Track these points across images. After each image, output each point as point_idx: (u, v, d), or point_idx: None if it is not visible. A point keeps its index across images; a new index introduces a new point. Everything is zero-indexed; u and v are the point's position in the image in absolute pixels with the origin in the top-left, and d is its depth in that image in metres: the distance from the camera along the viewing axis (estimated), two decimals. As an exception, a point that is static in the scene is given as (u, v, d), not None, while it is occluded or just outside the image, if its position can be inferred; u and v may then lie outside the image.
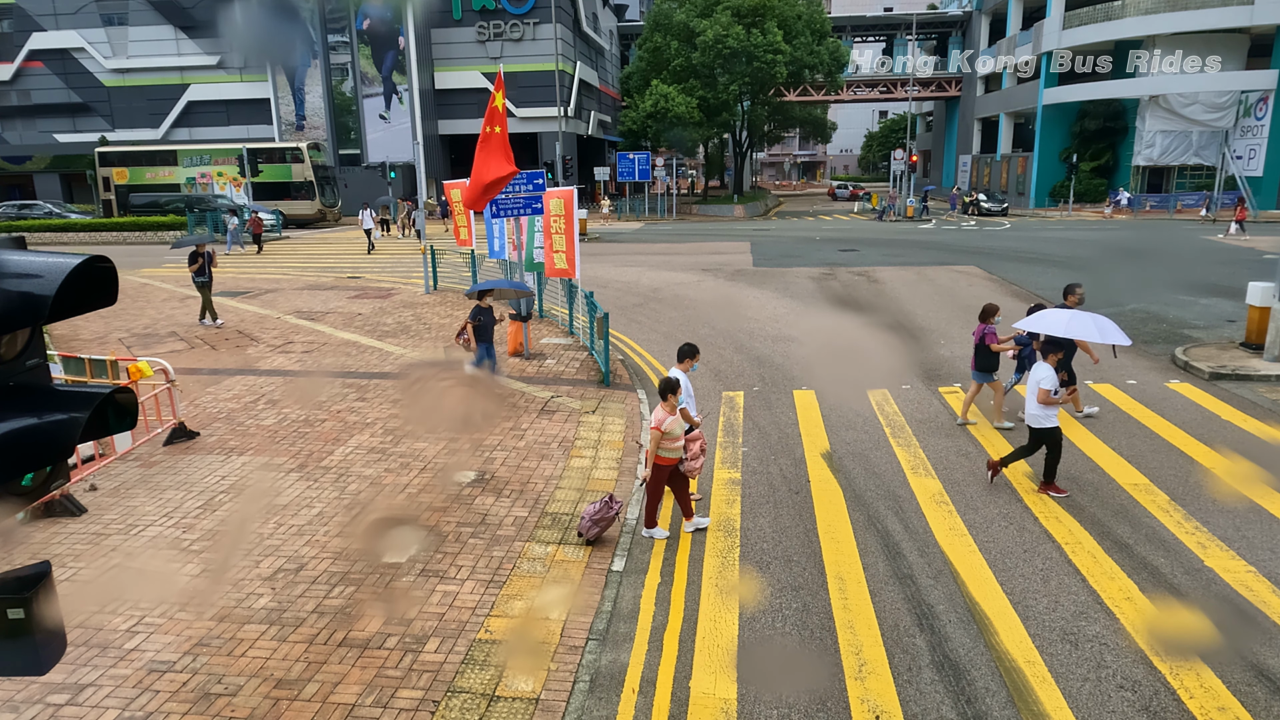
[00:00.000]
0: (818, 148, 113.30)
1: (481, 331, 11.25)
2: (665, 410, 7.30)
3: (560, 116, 46.73)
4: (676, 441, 7.34)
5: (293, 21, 48.76)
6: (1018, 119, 56.14)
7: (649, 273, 24.06)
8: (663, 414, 7.28)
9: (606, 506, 7.35)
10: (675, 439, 7.32)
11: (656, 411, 7.37)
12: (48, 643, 2.46)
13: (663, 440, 7.25)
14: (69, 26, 51.39)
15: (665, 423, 7.21)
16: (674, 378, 7.57)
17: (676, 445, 7.35)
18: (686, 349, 8.34)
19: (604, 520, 7.32)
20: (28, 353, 2.47)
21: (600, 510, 7.32)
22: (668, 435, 7.23)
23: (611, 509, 7.34)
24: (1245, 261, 24.22)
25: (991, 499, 8.35)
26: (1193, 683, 5.45)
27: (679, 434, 7.36)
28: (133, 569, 7.01)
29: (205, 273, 16.12)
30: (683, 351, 8.32)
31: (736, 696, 5.41)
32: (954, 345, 14.80)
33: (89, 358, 10.06)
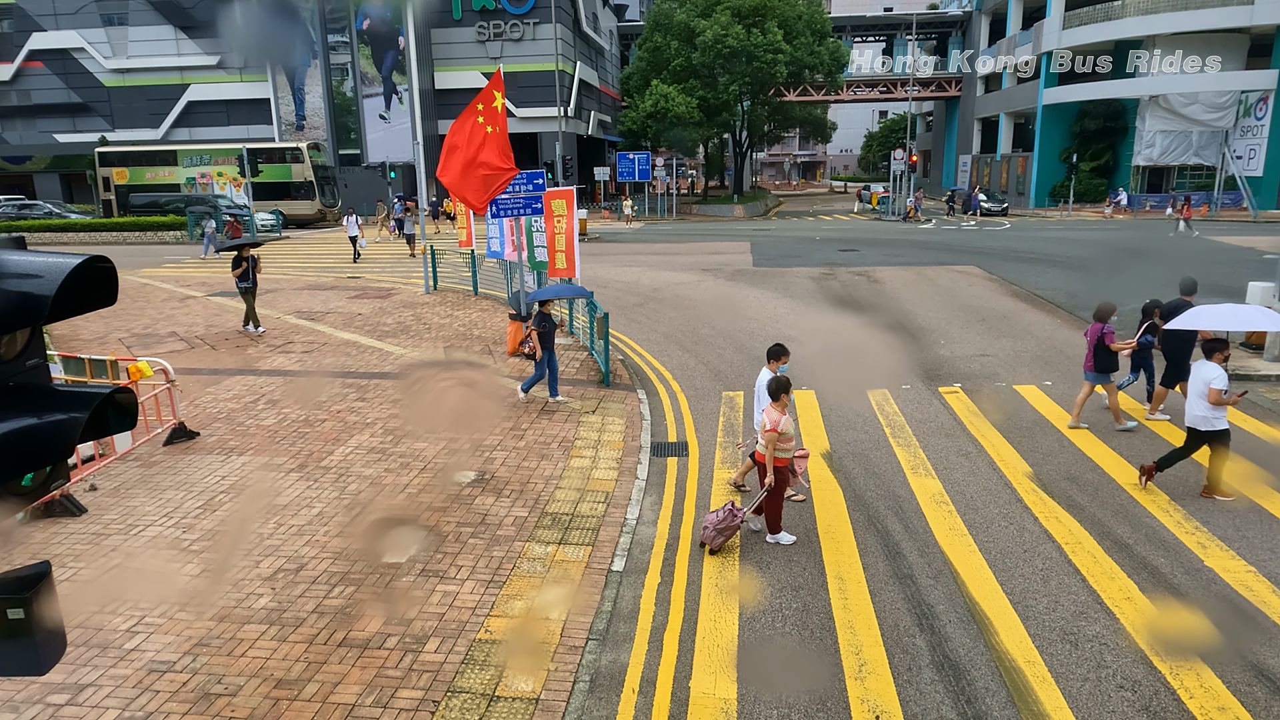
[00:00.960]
0: (818, 148, 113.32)
1: (545, 339, 10.97)
2: (778, 410, 7.17)
3: (560, 116, 46.73)
4: (790, 441, 7.20)
5: (293, 21, 48.76)
6: (1018, 119, 56.14)
7: (649, 273, 24.06)
8: (776, 414, 7.15)
9: (730, 515, 7.16)
10: (789, 439, 7.19)
11: (770, 412, 7.22)
12: (48, 643, 2.46)
13: (778, 442, 7.09)
14: (69, 26, 51.39)
15: (781, 423, 7.08)
16: (785, 376, 7.46)
17: (790, 445, 7.21)
18: (776, 349, 8.21)
19: (729, 529, 7.14)
20: (28, 353, 2.47)
21: (724, 519, 7.15)
22: (783, 436, 7.09)
23: (736, 517, 7.16)
24: (1245, 261, 24.21)
25: (991, 499, 8.35)
26: (1193, 683, 5.45)
27: (793, 434, 7.23)
28: (133, 569, 7.01)
29: (249, 278, 15.24)
30: (772, 352, 8.21)
31: (736, 696, 5.41)
32: (954, 345, 14.80)
33: (89, 358, 10.06)
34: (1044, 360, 13.61)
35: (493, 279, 20.84)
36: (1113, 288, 20.50)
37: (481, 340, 15.40)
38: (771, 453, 7.16)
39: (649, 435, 10.23)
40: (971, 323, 16.60)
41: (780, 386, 7.29)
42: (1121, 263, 25.78)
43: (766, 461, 7.19)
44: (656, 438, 10.24)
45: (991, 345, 14.67)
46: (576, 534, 7.58)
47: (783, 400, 7.25)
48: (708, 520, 7.30)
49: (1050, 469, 9.10)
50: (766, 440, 7.16)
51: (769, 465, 7.17)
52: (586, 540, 7.47)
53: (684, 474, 9.12)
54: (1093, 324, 10.34)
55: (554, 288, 11.64)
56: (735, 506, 7.27)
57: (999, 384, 12.32)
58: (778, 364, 8.12)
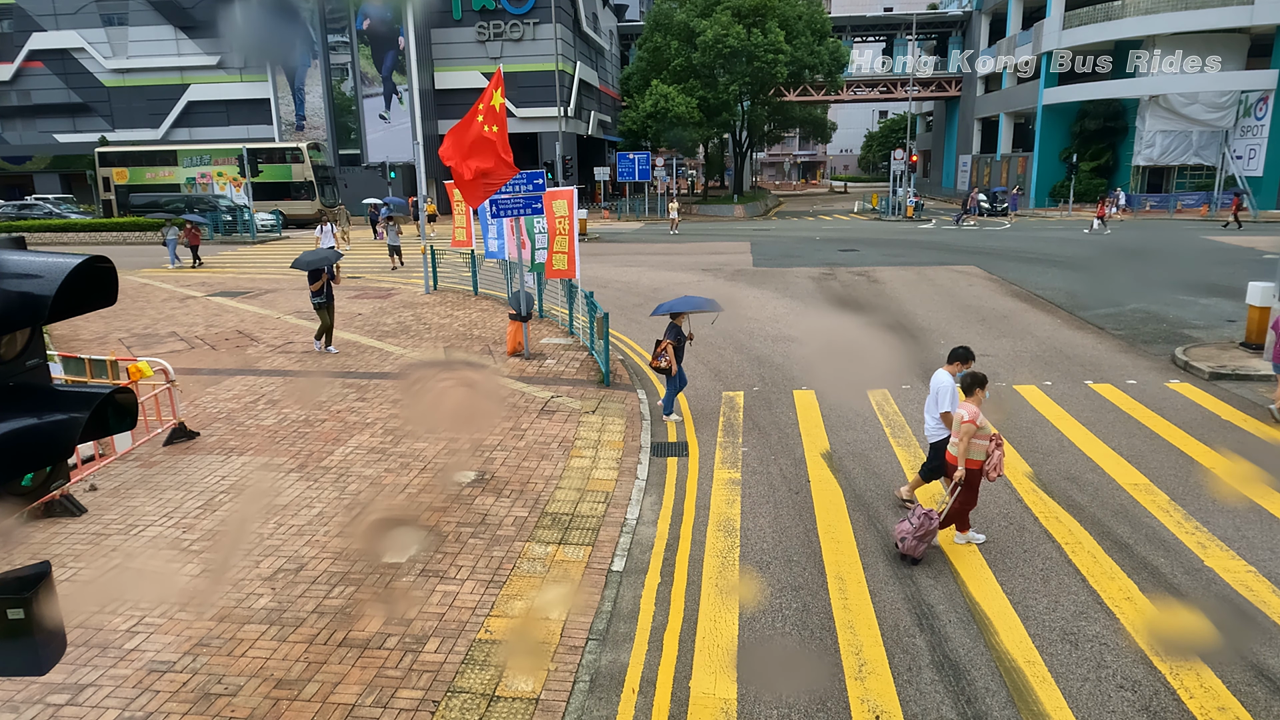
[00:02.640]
0: (818, 148, 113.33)
1: (678, 352, 10.69)
2: (974, 404, 7.07)
3: (560, 116, 46.74)
4: (985, 440, 7.08)
5: (293, 21, 48.77)
6: (1018, 119, 56.14)
7: (649, 273, 24.06)
8: (974, 407, 7.04)
9: (927, 519, 6.96)
10: (985, 436, 7.07)
11: (968, 406, 7.09)
12: (48, 643, 2.46)
13: (974, 438, 6.99)
14: (69, 26, 51.41)
15: (980, 417, 6.97)
16: (981, 372, 7.32)
17: (984, 444, 7.09)
18: (962, 352, 7.96)
19: (929, 533, 6.96)
20: (28, 353, 2.47)
21: (921, 524, 6.95)
22: (981, 431, 6.99)
23: (932, 521, 6.96)
24: (1245, 261, 24.21)
25: (991, 499, 8.35)
26: (1193, 683, 5.45)
27: (990, 430, 7.11)
28: (133, 569, 7.01)
29: (324, 293, 14.24)
30: (957, 354, 7.96)
31: (736, 696, 5.41)
32: (954, 345, 14.78)
33: (89, 358, 10.06)
34: (1044, 360, 13.61)
35: (493, 279, 20.84)
36: (1113, 288, 20.51)
37: (481, 340, 15.40)
38: (965, 448, 7.02)
39: (649, 435, 10.23)
40: (971, 323, 16.60)
41: (977, 381, 7.18)
42: (1122, 263, 25.79)
43: (959, 457, 7.05)
44: (656, 438, 10.24)
45: (991, 345, 14.67)
46: (576, 534, 7.58)
47: (978, 395, 7.13)
48: (903, 529, 7.05)
49: (1050, 469, 9.11)
50: (962, 434, 7.02)
51: (961, 461, 7.05)
52: (586, 540, 7.47)
53: (684, 474, 9.12)
54: None
55: (682, 299, 11.14)
56: (931, 511, 7.03)
57: (999, 384, 12.31)
58: (960, 366, 7.84)
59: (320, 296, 14.15)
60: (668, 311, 10.82)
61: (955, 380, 7.71)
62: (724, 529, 7.78)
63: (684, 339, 10.77)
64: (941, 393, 7.72)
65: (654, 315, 11.16)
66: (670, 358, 10.50)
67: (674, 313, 10.78)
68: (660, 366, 10.58)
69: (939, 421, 7.76)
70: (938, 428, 7.79)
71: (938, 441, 7.81)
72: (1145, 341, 14.91)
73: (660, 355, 10.54)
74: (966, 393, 7.23)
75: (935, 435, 7.85)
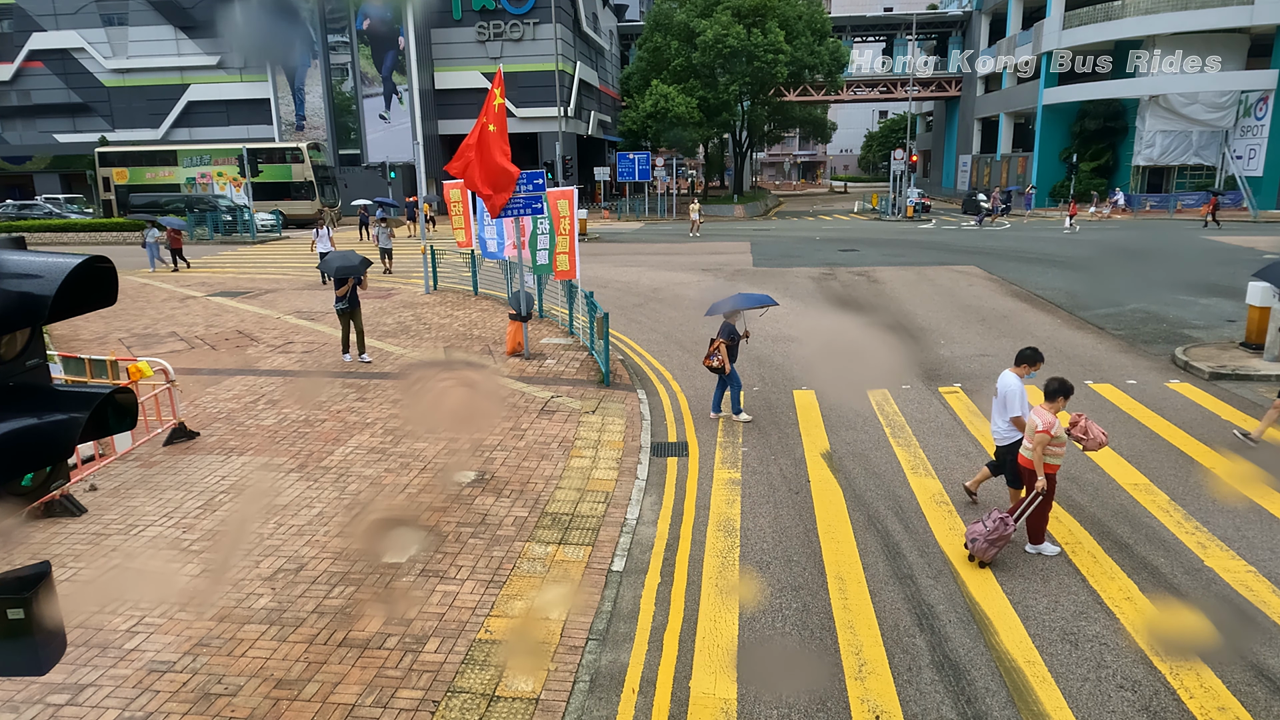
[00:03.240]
0: (818, 148, 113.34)
1: (732, 351, 10.59)
2: (1050, 411, 6.89)
3: (560, 116, 46.75)
4: (1061, 446, 6.94)
5: (293, 21, 48.78)
6: (1018, 119, 56.15)
7: (649, 273, 24.06)
8: (1050, 415, 6.86)
9: (1003, 524, 6.78)
10: (1061, 443, 6.92)
11: (1042, 413, 6.91)
12: (48, 643, 2.46)
13: (1050, 445, 6.83)
14: (69, 26, 51.43)
15: (1055, 426, 6.80)
16: (1067, 381, 7.13)
17: (1060, 451, 6.96)
18: (1029, 353, 7.73)
19: (1002, 539, 6.82)
20: (28, 353, 2.48)
21: (996, 528, 6.78)
22: (1055, 439, 6.81)
23: (1008, 526, 6.80)
24: (1245, 261, 24.20)
25: (992, 499, 8.34)
26: (1193, 683, 5.45)
27: (1065, 438, 6.96)
28: (133, 569, 7.01)
29: (349, 298, 13.53)
30: (1026, 356, 7.73)
31: (736, 696, 5.41)
32: (954, 345, 14.80)
33: (89, 358, 10.06)
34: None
35: (493, 279, 20.84)
36: (1113, 288, 20.51)
37: (481, 340, 15.40)
38: (1041, 455, 6.85)
39: (649, 435, 10.23)
40: (971, 323, 16.60)
41: (1062, 389, 7.01)
42: (1122, 263, 25.78)
43: (1036, 465, 6.87)
44: (656, 438, 10.24)
45: (991, 345, 14.67)
46: (576, 534, 7.58)
47: (1058, 403, 6.97)
48: (975, 531, 6.89)
49: (1050, 469, 9.09)
50: (1036, 442, 6.83)
51: (1039, 469, 6.86)
52: (586, 540, 7.47)
53: (684, 474, 9.12)
54: None
55: (736, 297, 10.95)
56: (1007, 516, 6.85)
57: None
58: (1028, 369, 7.65)
59: (343, 301, 13.53)
60: (724, 311, 10.67)
61: (1023, 382, 7.51)
62: (724, 529, 7.78)
63: (738, 337, 10.67)
64: (1010, 396, 7.45)
65: (709, 315, 11.03)
66: (723, 356, 10.41)
67: (728, 312, 10.62)
68: (714, 366, 10.49)
69: (1009, 425, 7.51)
70: (1007, 431, 7.55)
71: (1004, 446, 7.61)
72: (1145, 341, 14.91)
73: (713, 355, 10.44)
74: (1048, 398, 7.03)
75: (1004, 439, 7.62)
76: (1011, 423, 7.46)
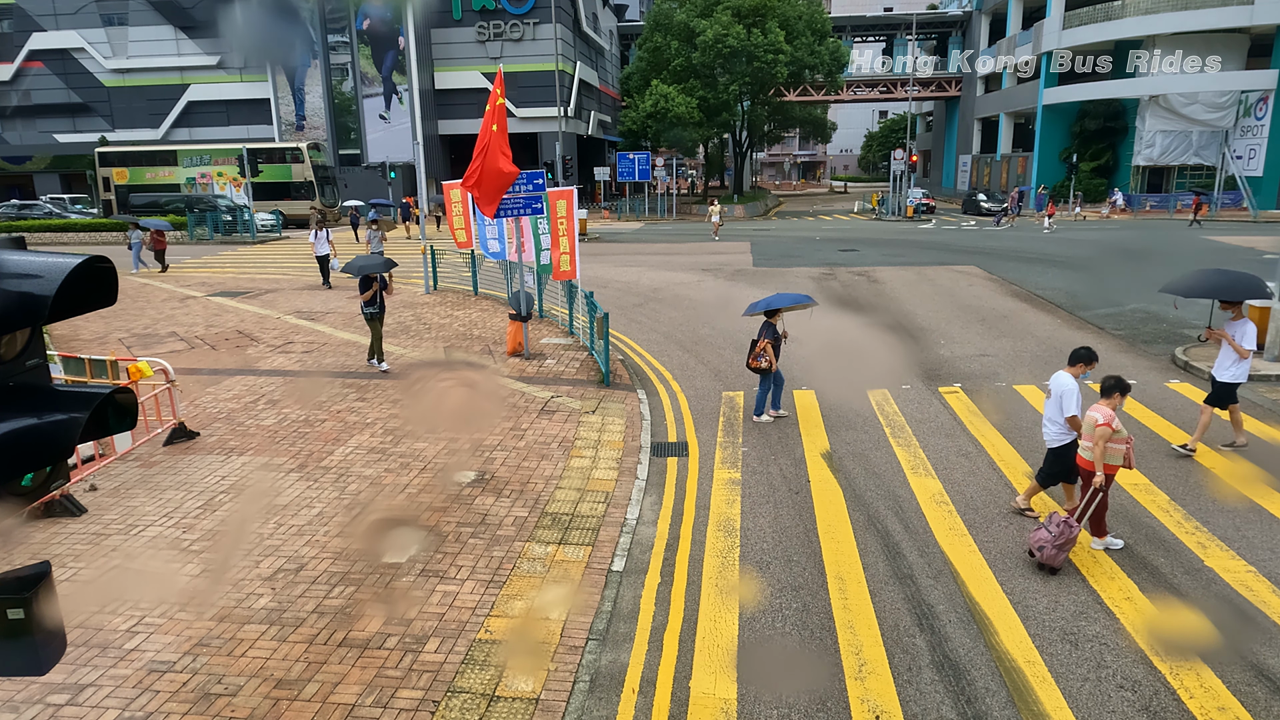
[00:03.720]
0: (818, 148, 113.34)
1: (775, 350, 10.57)
2: (1109, 407, 6.91)
3: (560, 116, 46.75)
4: (1122, 443, 6.92)
5: (293, 21, 48.79)
6: (1018, 119, 56.17)
7: (649, 273, 24.06)
8: (1109, 410, 6.88)
9: (1067, 527, 6.71)
10: (1123, 439, 6.90)
11: (1102, 410, 6.91)
12: (48, 643, 2.46)
13: (1110, 442, 6.82)
14: (69, 26, 51.44)
15: (1115, 420, 6.81)
16: (1124, 379, 7.12)
17: (1120, 448, 6.93)
18: (1084, 353, 7.68)
19: (1069, 541, 6.73)
20: (28, 353, 2.47)
21: (1062, 532, 6.71)
22: (1116, 434, 6.81)
23: (1073, 530, 6.72)
24: (1245, 261, 24.20)
25: (991, 499, 8.35)
26: (1193, 683, 5.45)
27: (1125, 433, 6.93)
28: (133, 569, 7.01)
29: (377, 302, 13.10)
30: (1081, 355, 7.67)
31: (736, 696, 5.41)
32: (954, 345, 14.79)
33: (89, 358, 10.06)
34: (1044, 360, 13.61)
35: (493, 279, 20.84)
36: (1113, 288, 20.51)
37: (481, 340, 15.40)
38: (1102, 452, 6.85)
39: (649, 435, 10.23)
40: (971, 323, 16.60)
41: (1119, 386, 7.02)
42: (1122, 263, 25.78)
43: (1096, 463, 6.88)
44: (656, 438, 10.24)
45: (991, 345, 14.67)
46: (576, 534, 7.58)
47: (1115, 399, 6.96)
48: (1040, 538, 6.82)
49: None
50: (1097, 438, 6.85)
51: (1099, 466, 6.88)
52: (586, 540, 7.47)
53: (684, 474, 9.12)
54: None
55: (777, 296, 10.86)
56: (1066, 518, 6.79)
57: (999, 384, 12.32)
58: (1083, 368, 7.60)
59: (372, 306, 13.09)
60: (763, 309, 10.63)
61: (1078, 382, 7.47)
62: (724, 529, 7.78)
63: (779, 337, 10.67)
64: (1066, 396, 7.39)
65: (747, 315, 11.02)
66: (770, 356, 10.43)
67: (770, 310, 10.60)
68: (760, 367, 10.50)
69: (1063, 426, 7.45)
70: (1062, 432, 7.50)
71: (1059, 447, 7.56)
72: (1145, 341, 14.92)
73: (760, 355, 10.46)
74: (1105, 395, 7.04)
75: (1058, 440, 7.56)
76: (1067, 423, 7.37)
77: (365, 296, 13.04)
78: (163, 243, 26.14)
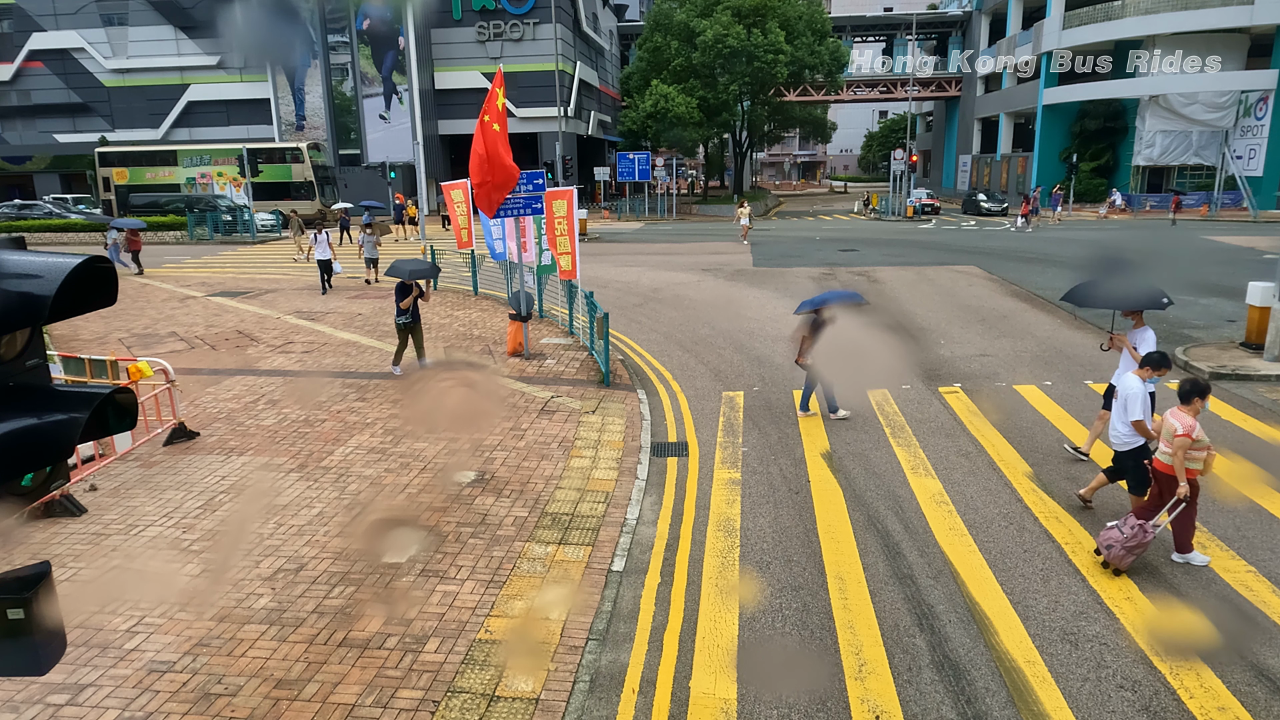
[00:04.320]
0: (818, 148, 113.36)
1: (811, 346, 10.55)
2: (1190, 414, 6.62)
3: (560, 116, 46.73)
4: (1203, 451, 6.65)
5: (293, 21, 48.76)
6: (1018, 119, 56.17)
7: (649, 273, 24.06)
8: (1189, 419, 6.59)
9: (1142, 531, 6.51)
10: (1204, 447, 6.63)
11: (1180, 416, 6.64)
12: (48, 643, 2.46)
13: (1191, 450, 6.55)
14: (69, 26, 51.44)
15: (1196, 429, 6.55)
16: (1202, 381, 6.90)
17: (1201, 455, 6.66)
18: (1156, 357, 7.38)
19: (1142, 546, 6.57)
20: (28, 353, 2.48)
21: (1135, 535, 6.53)
22: (1198, 443, 6.56)
23: (1147, 535, 6.53)
24: (1245, 261, 24.22)
25: (991, 499, 8.35)
26: (1193, 683, 5.45)
27: (1207, 441, 6.67)
28: (133, 569, 7.01)
29: (413, 311, 12.68)
30: (1149, 359, 7.40)
31: (736, 696, 5.41)
32: (954, 345, 14.79)
33: (89, 358, 10.06)
34: (1044, 360, 13.61)
35: (493, 279, 20.84)
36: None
37: (481, 340, 15.40)
38: (1182, 461, 6.57)
39: (649, 435, 10.23)
40: (971, 323, 16.60)
41: (1197, 390, 6.71)
42: (1122, 263, 25.76)
43: (1177, 471, 6.60)
44: (656, 438, 10.24)
45: (991, 345, 14.67)
46: (576, 534, 7.58)
47: (1196, 405, 6.72)
48: (1110, 538, 6.67)
49: (1050, 469, 9.10)
50: (1176, 447, 6.58)
51: (1180, 475, 6.58)
52: (586, 540, 7.47)
53: (684, 474, 9.12)
54: None
55: (828, 294, 10.77)
56: (1142, 521, 6.60)
57: (999, 384, 12.32)
58: (1152, 372, 7.33)
59: (406, 315, 12.61)
60: (813, 307, 10.64)
61: (1146, 386, 7.25)
62: (724, 529, 7.78)
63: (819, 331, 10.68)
64: (1132, 399, 7.16)
65: (798, 312, 11.04)
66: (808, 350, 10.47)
67: (819, 307, 10.61)
68: (809, 364, 10.60)
69: (1130, 430, 7.24)
70: (1129, 437, 7.29)
71: (1126, 451, 7.37)
72: (1145, 341, 14.90)
73: (808, 353, 10.54)
74: (1183, 401, 6.80)
75: (1124, 445, 7.37)
76: (1133, 427, 7.18)
77: (404, 304, 12.50)
78: (138, 243, 25.37)
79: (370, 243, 22.84)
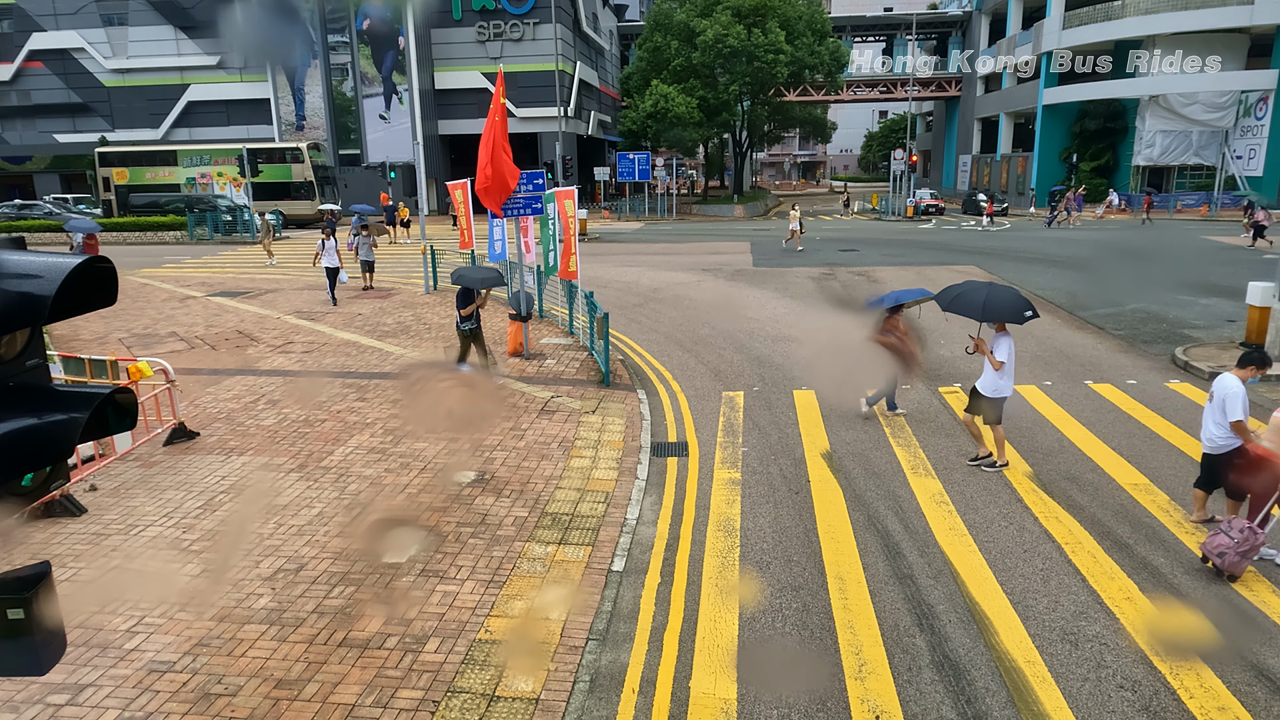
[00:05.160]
0: (818, 148, 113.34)
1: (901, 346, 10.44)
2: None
3: (560, 116, 46.73)
4: None
5: (293, 21, 48.75)
6: (1018, 119, 56.16)
7: (649, 273, 24.06)
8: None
9: (1251, 534, 6.36)
10: None
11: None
12: (48, 643, 2.46)
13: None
14: (69, 26, 51.42)
15: None
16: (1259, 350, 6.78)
17: None
18: (1257, 356, 7.17)
19: (1253, 550, 6.39)
20: (28, 353, 2.47)
21: (1245, 538, 6.35)
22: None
23: (1258, 536, 6.36)
24: (1245, 261, 24.22)
25: (991, 499, 8.35)
26: (1193, 683, 5.45)
27: None
28: (133, 569, 7.01)
29: (476, 317, 12.29)
30: (1250, 358, 7.17)
31: (736, 696, 5.41)
32: (954, 345, 14.77)
33: (89, 358, 10.06)
34: (1044, 360, 13.61)
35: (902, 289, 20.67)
36: (1113, 288, 20.51)
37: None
38: None
39: (649, 435, 10.23)
40: (971, 322, 16.55)
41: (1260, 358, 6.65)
42: (1121, 263, 25.78)
43: None
44: (656, 438, 10.24)
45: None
46: (576, 534, 7.58)
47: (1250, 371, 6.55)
48: (1220, 544, 6.46)
49: (1050, 469, 9.11)
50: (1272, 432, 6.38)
51: None
52: (586, 540, 7.47)
53: (684, 474, 9.12)
54: None
55: (899, 292, 10.64)
56: (1250, 524, 6.42)
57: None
58: (1254, 371, 7.13)
59: (471, 322, 12.20)
60: (886, 305, 10.57)
61: (1246, 386, 7.03)
62: (724, 529, 7.78)
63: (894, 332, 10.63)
64: (1231, 400, 6.93)
65: (869, 308, 10.98)
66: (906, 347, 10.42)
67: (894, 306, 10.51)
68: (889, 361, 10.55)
69: (1227, 432, 7.01)
70: (1225, 439, 7.08)
71: (1214, 455, 7.19)
72: (1145, 341, 14.91)
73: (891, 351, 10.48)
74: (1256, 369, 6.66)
75: (1218, 447, 7.15)
76: (1232, 428, 6.96)
77: (465, 311, 12.12)
78: (95, 248, 22.72)
79: (366, 245, 22.31)
